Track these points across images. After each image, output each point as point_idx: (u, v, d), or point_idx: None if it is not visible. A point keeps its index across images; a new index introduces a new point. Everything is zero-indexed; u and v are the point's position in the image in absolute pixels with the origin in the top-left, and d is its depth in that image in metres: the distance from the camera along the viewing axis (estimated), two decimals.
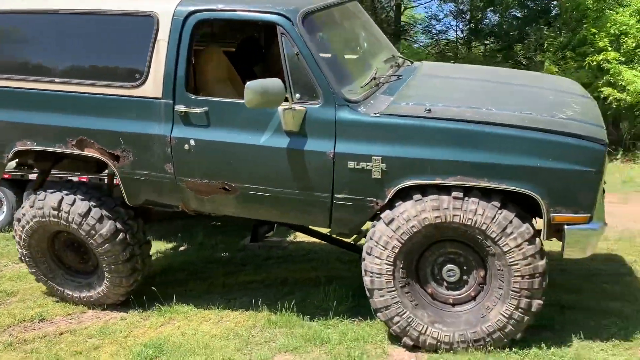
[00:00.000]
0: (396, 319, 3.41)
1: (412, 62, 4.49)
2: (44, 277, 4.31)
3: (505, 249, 3.22)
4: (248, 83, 3.23)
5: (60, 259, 4.29)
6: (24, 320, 4.10)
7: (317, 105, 3.38)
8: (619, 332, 3.60)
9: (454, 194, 3.25)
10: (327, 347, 3.50)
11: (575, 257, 3.35)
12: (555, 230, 3.27)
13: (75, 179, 5.23)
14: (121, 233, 4.00)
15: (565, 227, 3.22)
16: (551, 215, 3.21)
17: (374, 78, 3.68)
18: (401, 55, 4.52)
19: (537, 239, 3.26)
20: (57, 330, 3.95)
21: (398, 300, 3.40)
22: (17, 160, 4.44)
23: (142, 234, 4.22)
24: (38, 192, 4.08)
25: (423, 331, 3.38)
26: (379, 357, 3.39)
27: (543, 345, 3.41)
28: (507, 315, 3.29)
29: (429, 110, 3.32)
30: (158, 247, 5.82)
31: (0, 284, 4.77)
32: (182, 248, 5.84)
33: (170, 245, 5.88)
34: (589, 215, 3.20)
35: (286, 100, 3.35)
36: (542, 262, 3.25)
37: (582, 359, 3.31)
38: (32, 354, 3.57)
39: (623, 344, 3.47)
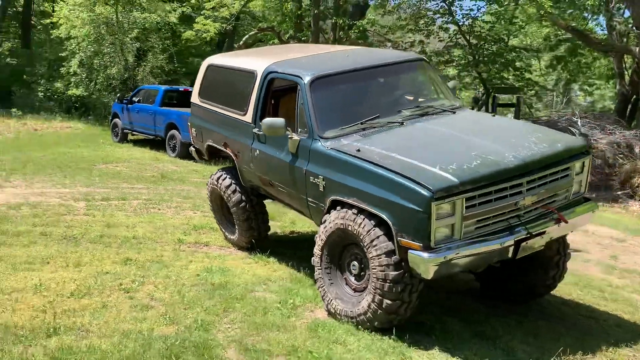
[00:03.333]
0: (320, 289, 4.96)
1: (455, 112, 5.51)
2: (218, 222, 7.20)
3: (370, 255, 4.42)
4: (264, 119, 5.29)
5: (224, 214, 7.07)
6: (198, 243, 7.06)
7: (305, 137, 5.17)
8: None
9: (352, 210, 4.61)
10: (288, 297, 5.24)
11: (420, 276, 4.22)
12: (405, 252, 4.25)
13: None
14: (243, 202, 6.51)
15: (409, 250, 4.20)
16: (398, 238, 4.25)
17: (361, 123, 5.14)
18: (448, 107, 5.57)
19: (395, 255, 4.31)
20: (204, 250, 6.76)
21: (321, 277, 4.93)
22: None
23: (260, 207, 6.62)
24: (217, 171, 6.95)
25: (329, 302, 4.84)
26: (305, 310, 4.98)
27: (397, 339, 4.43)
28: (367, 306, 4.47)
29: (359, 150, 4.71)
30: None
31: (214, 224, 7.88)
32: None
33: None
34: (421, 244, 4.11)
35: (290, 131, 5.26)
36: (394, 273, 4.29)
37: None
38: (176, 254, 6.44)
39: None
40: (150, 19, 20.93)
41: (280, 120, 5.23)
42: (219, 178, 6.70)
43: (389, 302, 4.37)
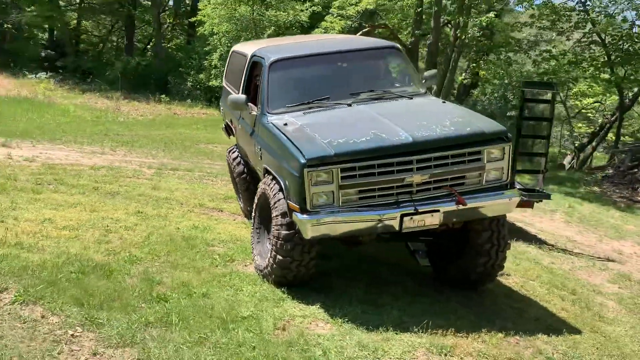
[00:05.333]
0: (251, 245, 5.60)
1: (412, 98, 5.76)
2: (235, 192, 8.11)
3: (272, 215, 4.97)
4: (229, 96, 6.05)
5: (236, 184, 7.95)
6: (215, 208, 7.98)
7: (259, 112, 5.83)
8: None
9: (270, 176, 5.19)
10: (235, 253, 5.90)
11: (303, 235, 4.66)
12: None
13: None
14: (244, 174, 7.32)
15: (293, 212, 4.67)
16: (287, 201, 4.74)
17: (308, 102, 5.64)
18: (407, 92, 5.83)
19: (288, 217, 4.80)
20: (213, 214, 7.67)
21: (253, 235, 5.57)
22: None
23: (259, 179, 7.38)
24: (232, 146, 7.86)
25: (254, 257, 5.46)
26: (238, 264, 5.62)
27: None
28: (267, 261, 5.03)
29: (285, 124, 5.26)
30: None
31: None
32: None
33: None
34: (299, 207, 4.56)
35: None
36: (285, 232, 4.79)
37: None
38: (184, 213, 7.44)
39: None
40: (282, 17, 22.55)
41: (241, 97, 5.95)
42: (230, 151, 7.60)
43: (280, 257, 4.89)
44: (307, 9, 23.24)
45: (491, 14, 19.15)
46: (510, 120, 17.21)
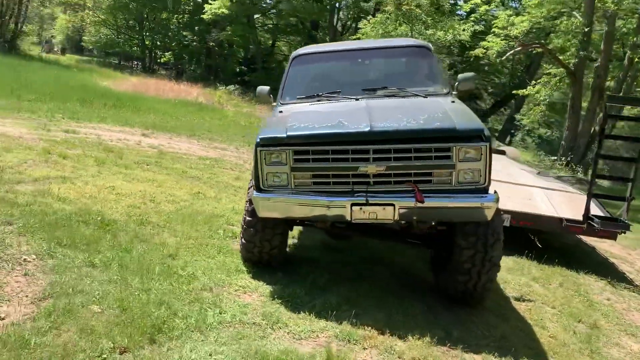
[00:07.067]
0: None
1: (425, 97, 5.63)
2: None
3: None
4: (258, 87, 6.49)
5: None
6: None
7: (276, 104, 6.17)
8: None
9: None
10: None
11: (257, 214, 4.84)
12: None
13: None
14: None
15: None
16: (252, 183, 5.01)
17: (317, 95, 5.83)
18: (425, 92, 5.69)
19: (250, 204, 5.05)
20: None
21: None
22: None
23: None
24: None
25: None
26: (231, 241, 5.99)
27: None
28: (240, 241, 5.33)
29: (280, 112, 5.54)
30: None
31: None
32: None
33: None
34: (255, 185, 4.78)
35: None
36: (249, 218, 5.05)
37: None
38: (234, 198, 8.01)
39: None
40: (441, 37, 22.39)
41: (265, 88, 6.35)
42: None
43: (244, 241, 5.17)
44: (468, 29, 22.81)
45: None
46: None
